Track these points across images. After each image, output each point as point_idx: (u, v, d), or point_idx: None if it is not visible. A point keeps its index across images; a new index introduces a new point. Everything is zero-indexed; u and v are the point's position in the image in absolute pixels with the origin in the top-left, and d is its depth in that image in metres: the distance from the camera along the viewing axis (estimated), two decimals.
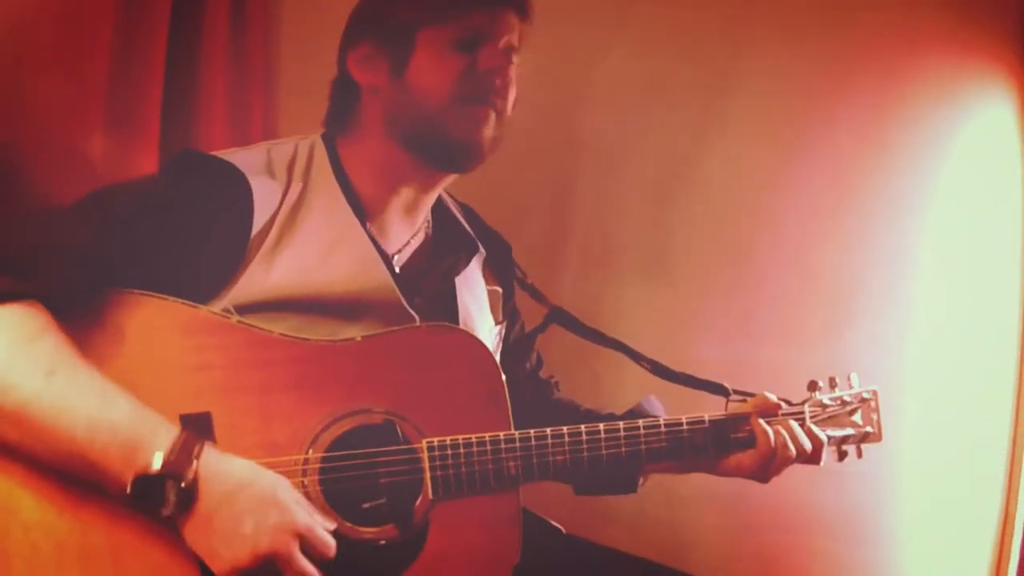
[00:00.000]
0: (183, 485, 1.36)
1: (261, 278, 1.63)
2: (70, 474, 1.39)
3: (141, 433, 1.37)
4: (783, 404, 1.90)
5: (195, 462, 1.38)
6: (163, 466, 1.34)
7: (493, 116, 1.76)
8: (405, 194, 1.84)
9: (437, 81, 1.71)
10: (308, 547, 1.44)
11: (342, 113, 1.85)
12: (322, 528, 1.47)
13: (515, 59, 1.79)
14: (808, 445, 1.86)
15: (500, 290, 2.08)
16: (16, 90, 1.88)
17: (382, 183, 1.82)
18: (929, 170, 2.86)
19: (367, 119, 1.79)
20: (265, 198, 1.66)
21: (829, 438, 1.93)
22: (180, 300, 1.53)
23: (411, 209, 1.88)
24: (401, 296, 1.75)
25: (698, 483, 2.22)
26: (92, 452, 1.35)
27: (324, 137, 1.83)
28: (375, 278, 1.74)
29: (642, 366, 2.03)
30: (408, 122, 1.74)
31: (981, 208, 2.88)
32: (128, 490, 1.34)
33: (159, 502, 1.35)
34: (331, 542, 1.47)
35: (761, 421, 1.85)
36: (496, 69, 1.74)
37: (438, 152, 1.77)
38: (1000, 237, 2.88)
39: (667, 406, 1.96)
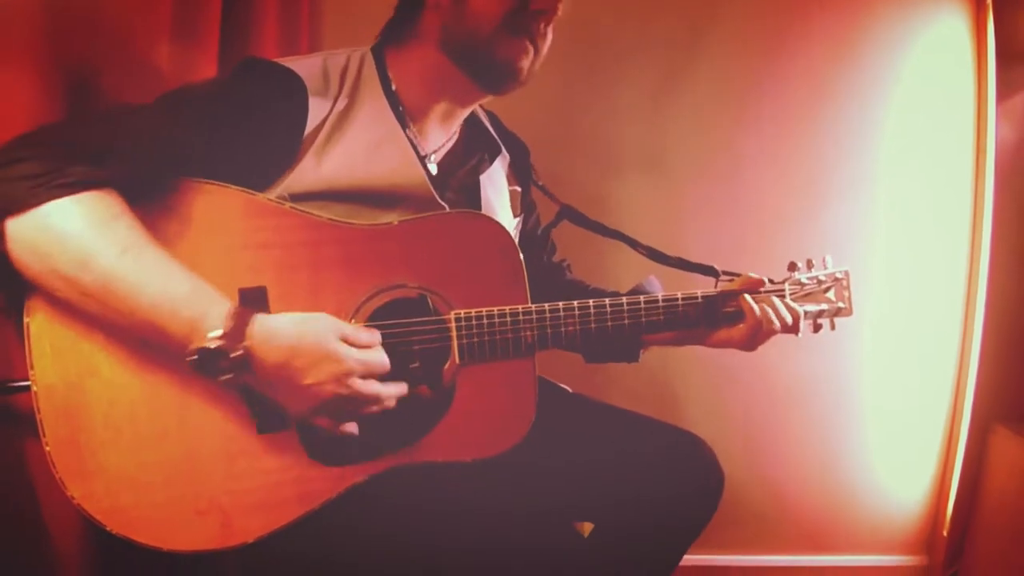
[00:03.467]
0: (238, 355, 1.37)
1: (312, 171, 1.62)
2: (143, 340, 1.41)
3: (199, 309, 1.38)
4: (766, 282, 1.89)
5: (247, 335, 1.39)
6: (219, 340, 1.36)
7: (532, 51, 1.73)
8: (445, 103, 1.82)
9: (492, 9, 1.67)
10: (368, 373, 1.48)
11: (402, 23, 1.81)
12: (371, 354, 1.50)
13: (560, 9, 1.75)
14: (789, 318, 1.85)
15: (519, 189, 2.07)
16: (92, 8, 1.85)
17: (427, 91, 1.79)
18: (891, 74, 2.82)
19: (425, 30, 1.76)
20: (318, 101, 1.65)
21: (806, 312, 1.92)
22: (240, 188, 1.53)
23: (447, 117, 1.86)
24: (433, 191, 1.74)
25: (691, 352, 2.22)
26: (159, 323, 1.36)
27: (374, 49, 1.80)
28: (412, 175, 1.72)
29: (640, 252, 2.03)
30: (461, 39, 1.71)
31: (937, 108, 2.85)
32: (190, 360, 1.36)
33: (218, 371, 1.37)
34: (384, 361, 1.51)
35: (748, 297, 1.84)
36: (543, 11, 1.71)
37: (482, 71, 1.74)
38: (953, 134, 2.86)
39: (664, 287, 1.95)
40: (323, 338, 1.45)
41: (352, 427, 1.53)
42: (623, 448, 1.90)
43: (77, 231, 1.32)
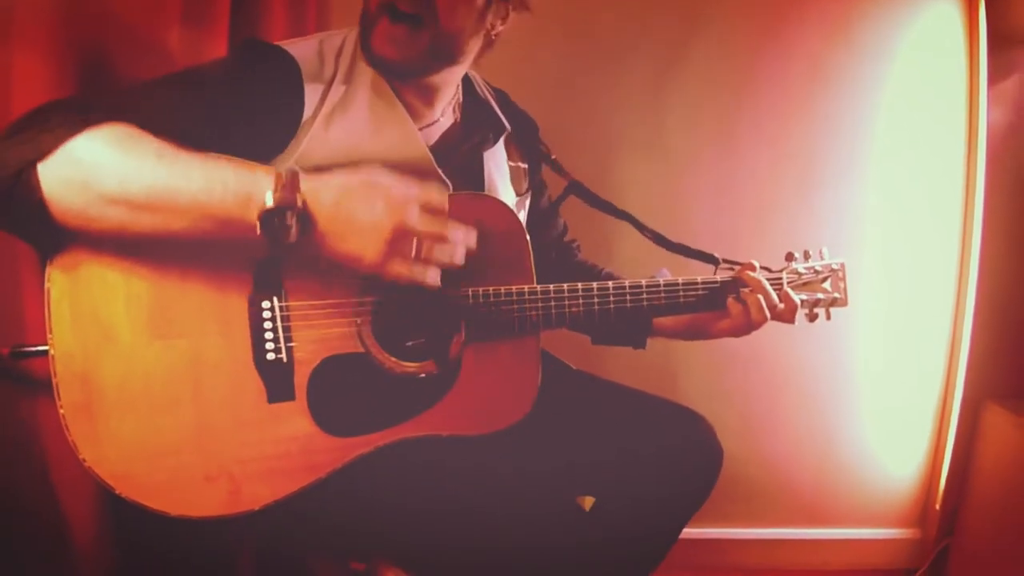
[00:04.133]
0: (297, 210, 1.36)
1: (319, 147, 1.62)
2: (204, 238, 1.39)
3: (248, 182, 1.36)
4: (756, 266, 1.89)
5: (299, 190, 1.37)
6: (276, 201, 1.34)
7: (416, 36, 1.65)
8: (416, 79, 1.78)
9: None
10: (425, 208, 1.44)
11: None
12: (423, 186, 1.46)
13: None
14: (781, 306, 1.85)
15: (526, 166, 2.05)
16: None
17: None
18: (886, 60, 2.83)
19: None
20: (314, 82, 1.64)
21: (802, 301, 1.92)
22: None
23: (427, 92, 1.81)
24: (435, 164, 1.73)
25: None
26: (213, 209, 1.35)
27: None
28: (414, 149, 1.72)
29: (646, 236, 2.01)
30: (363, 25, 1.70)
31: (930, 92, 2.86)
32: (257, 230, 1.35)
33: (285, 230, 1.36)
34: (442, 193, 1.47)
35: (743, 290, 1.85)
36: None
37: (370, 57, 1.71)
38: (945, 117, 2.86)
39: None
40: (370, 174, 1.44)
41: (434, 275, 1.48)
42: (625, 423, 1.92)
43: (109, 152, 1.33)
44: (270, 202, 1.34)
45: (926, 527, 3.12)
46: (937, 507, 3.04)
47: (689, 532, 1.90)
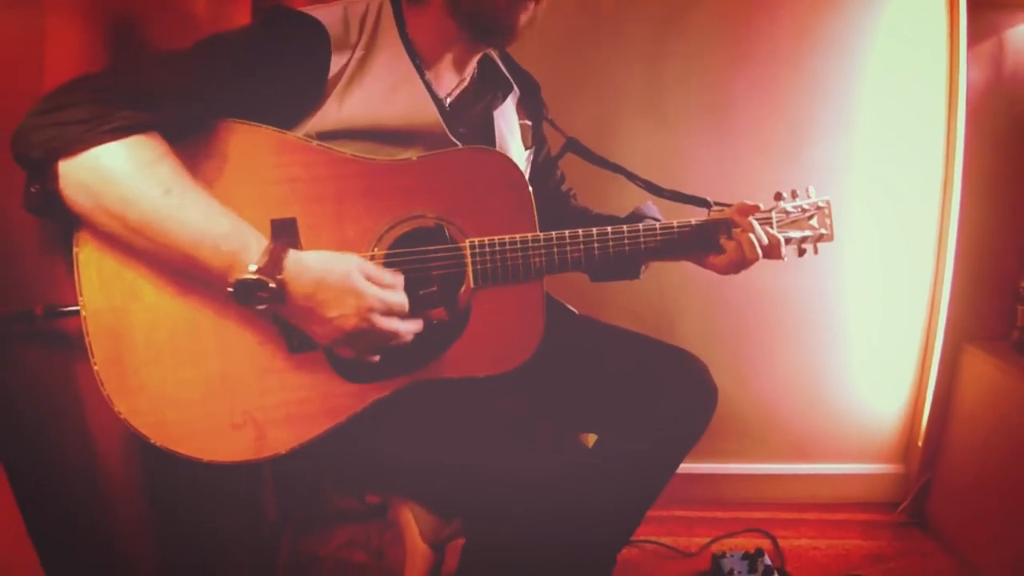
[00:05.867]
0: (272, 286, 1.39)
1: (335, 112, 1.61)
2: (183, 273, 1.43)
3: (238, 244, 1.40)
4: (761, 207, 1.88)
5: (282, 267, 1.41)
6: (256, 272, 1.38)
7: (533, 7, 1.69)
8: (454, 53, 1.80)
9: None
10: (387, 312, 1.50)
11: None
12: (391, 294, 1.51)
13: None
14: (767, 241, 1.84)
15: (530, 123, 2.05)
16: None
17: (437, 43, 1.76)
18: (872, 21, 2.79)
19: None
20: (340, 48, 1.63)
21: (791, 239, 1.92)
22: (270, 127, 1.53)
23: (459, 63, 1.83)
24: (446, 129, 1.72)
25: (686, 278, 2.18)
26: (199, 258, 1.38)
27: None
28: (426, 115, 1.71)
29: (637, 185, 2.03)
30: (467, 6, 1.67)
31: (913, 52, 2.83)
32: (230, 291, 1.39)
33: (255, 301, 1.40)
34: (404, 300, 1.53)
35: (734, 229, 1.84)
36: None
37: (484, 32, 1.72)
38: (927, 75, 2.82)
39: (660, 213, 1.98)
40: (348, 275, 1.46)
41: (372, 358, 1.56)
42: (625, 364, 1.92)
43: (124, 173, 1.34)
44: (251, 269, 1.39)
45: (909, 462, 3.12)
46: (919, 444, 3.04)
47: (684, 467, 1.91)
